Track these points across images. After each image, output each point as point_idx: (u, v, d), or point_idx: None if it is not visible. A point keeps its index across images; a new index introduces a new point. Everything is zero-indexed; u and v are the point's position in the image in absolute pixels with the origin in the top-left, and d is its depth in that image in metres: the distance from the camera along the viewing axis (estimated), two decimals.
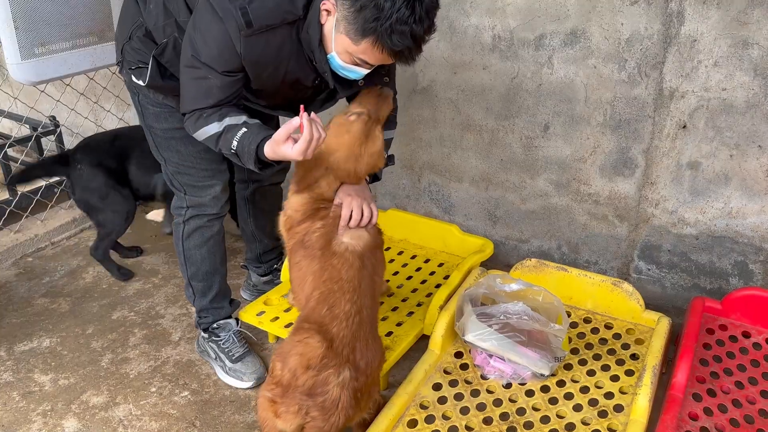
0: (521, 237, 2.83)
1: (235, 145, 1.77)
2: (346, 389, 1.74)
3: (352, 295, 1.82)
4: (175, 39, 1.88)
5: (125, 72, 2.04)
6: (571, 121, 2.51)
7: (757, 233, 2.34)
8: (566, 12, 2.36)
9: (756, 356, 2.13)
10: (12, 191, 3.19)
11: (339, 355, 1.75)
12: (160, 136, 2.10)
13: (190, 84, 1.80)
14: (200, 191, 2.17)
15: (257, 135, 1.75)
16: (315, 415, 1.73)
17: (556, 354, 2.07)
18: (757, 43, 2.11)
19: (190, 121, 1.84)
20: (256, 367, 2.28)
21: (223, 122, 1.80)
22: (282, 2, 1.67)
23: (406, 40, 1.59)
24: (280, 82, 1.83)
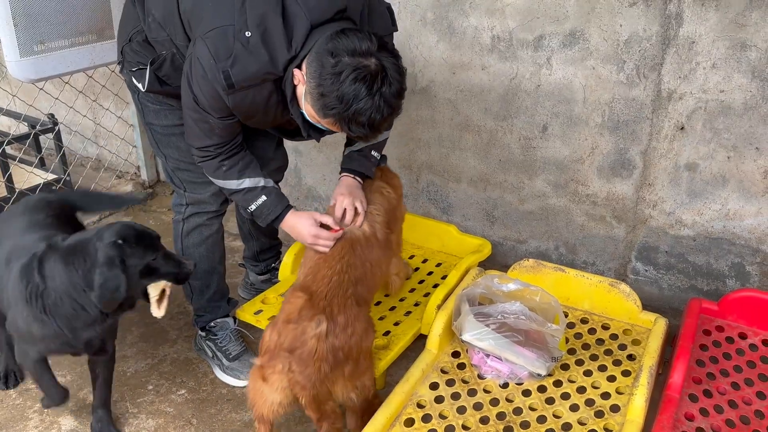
0: (519, 237, 2.84)
1: (253, 209, 2.00)
2: (323, 341, 1.77)
3: (333, 264, 1.94)
4: (173, 55, 1.92)
5: (126, 72, 2.06)
6: (570, 122, 2.52)
7: (754, 235, 2.35)
8: (565, 13, 2.37)
9: (752, 357, 2.13)
10: (10, 188, 3.18)
11: (315, 306, 1.82)
12: (160, 133, 2.12)
13: (194, 124, 1.89)
14: (200, 188, 2.17)
15: (276, 206, 2.00)
16: (294, 368, 1.76)
17: (553, 354, 2.07)
18: (755, 45, 2.12)
19: (209, 165, 1.96)
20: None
21: (242, 183, 1.97)
22: (262, 66, 1.73)
23: (363, 128, 1.69)
24: (270, 121, 1.94)
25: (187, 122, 1.91)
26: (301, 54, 1.72)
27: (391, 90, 1.66)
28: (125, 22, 2.05)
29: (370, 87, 1.63)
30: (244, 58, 1.70)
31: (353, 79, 1.62)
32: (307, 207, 3.34)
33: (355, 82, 1.62)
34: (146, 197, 2.67)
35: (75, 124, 3.69)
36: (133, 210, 3.47)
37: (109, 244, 1.69)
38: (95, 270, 1.67)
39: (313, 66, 1.67)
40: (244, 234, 2.63)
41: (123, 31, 2.04)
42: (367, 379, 1.94)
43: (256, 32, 1.69)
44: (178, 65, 1.90)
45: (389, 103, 1.67)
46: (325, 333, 1.78)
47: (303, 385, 1.77)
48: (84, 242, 1.74)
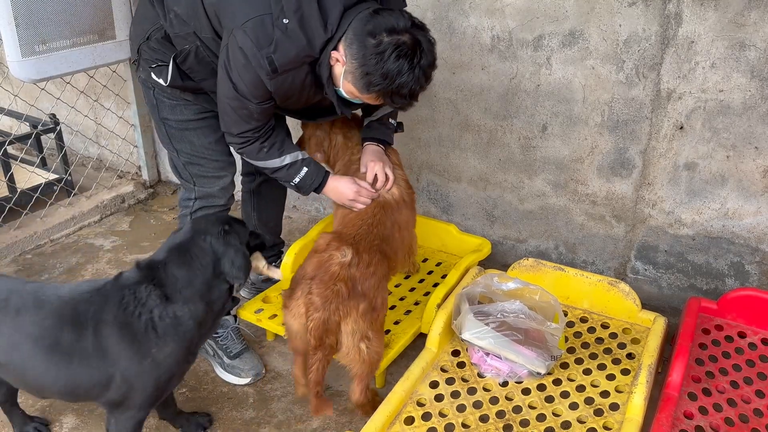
0: (519, 237, 2.85)
1: (297, 180, 2.12)
2: (345, 269, 1.90)
3: (364, 217, 2.10)
4: (196, 48, 1.98)
5: (143, 69, 2.11)
6: (569, 121, 2.52)
7: (753, 234, 2.36)
8: (565, 13, 2.38)
9: (751, 356, 2.14)
10: (11, 188, 3.20)
11: (342, 239, 1.98)
12: (174, 127, 2.17)
13: (232, 112, 1.96)
14: (210, 182, 2.22)
15: (318, 174, 2.14)
16: (313, 290, 1.87)
17: (553, 353, 2.08)
18: (754, 44, 2.13)
19: (251, 150, 2.05)
20: (254, 363, 2.29)
21: (284, 159, 2.08)
22: (301, 49, 1.82)
23: (405, 99, 1.85)
24: (303, 101, 2.02)
25: (225, 110, 1.97)
26: (337, 35, 1.81)
27: (426, 61, 1.80)
28: (141, 21, 2.10)
29: (411, 62, 1.76)
30: (285, 44, 1.79)
31: (396, 57, 1.74)
32: (307, 207, 3.34)
33: (398, 59, 1.75)
34: None
35: (76, 124, 3.70)
36: (134, 209, 3.48)
37: (220, 233, 1.75)
38: (222, 259, 1.72)
39: (354, 47, 1.78)
40: None
41: (139, 30, 2.09)
42: (375, 339, 1.94)
43: (293, 18, 1.77)
44: (201, 57, 1.99)
45: (426, 74, 1.83)
46: (349, 263, 1.91)
47: (317, 306, 1.85)
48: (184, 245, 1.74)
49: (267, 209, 2.57)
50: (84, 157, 3.86)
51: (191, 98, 2.12)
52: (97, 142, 3.77)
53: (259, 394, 2.22)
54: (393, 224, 2.13)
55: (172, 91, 2.10)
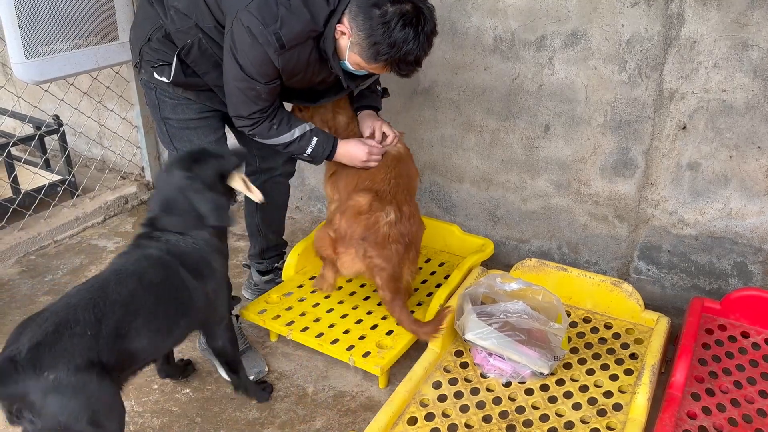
0: (521, 237, 2.85)
1: (310, 151, 2.17)
2: (394, 227, 2.16)
3: (388, 170, 2.26)
4: (199, 40, 2.02)
5: (145, 70, 2.14)
6: (572, 121, 2.52)
7: (757, 234, 2.35)
8: (567, 13, 2.38)
9: (755, 356, 2.14)
10: (15, 189, 3.21)
11: (383, 200, 2.18)
12: (175, 126, 2.19)
13: (240, 94, 2.00)
14: None
15: (328, 141, 2.19)
16: (372, 253, 2.15)
17: (556, 353, 2.08)
18: (757, 44, 2.12)
19: (261, 129, 2.08)
20: (256, 362, 2.29)
21: (293, 133, 2.12)
22: (306, 24, 1.89)
23: (410, 66, 1.93)
24: (308, 82, 2.07)
25: (233, 94, 2.01)
26: (339, 8, 1.88)
27: (429, 27, 1.88)
28: (141, 24, 2.13)
29: (416, 29, 1.84)
30: (290, 20, 1.86)
31: (402, 25, 1.82)
32: (310, 208, 3.35)
33: (404, 28, 1.83)
34: None
35: (80, 126, 3.71)
36: (138, 210, 3.49)
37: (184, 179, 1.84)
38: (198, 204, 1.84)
39: (360, 19, 1.85)
40: (251, 231, 2.64)
41: (140, 33, 2.13)
42: (416, 265, 2.32)
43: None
44: (204, 50, 2.03)
45: (429, 40, 1.91)
46: (394, 221, 2.15)
47: (382, 266, 2.14)
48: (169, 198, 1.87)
49: (270, 210, 2.57)
50: (87, 158, 3.87)
51: (193, 97, 2.15)
52: (101, 143, 3.78)
53: None
54: (408, 174, 2.34)
55: (174, 90, 2.12)
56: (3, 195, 3.23)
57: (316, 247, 2.36)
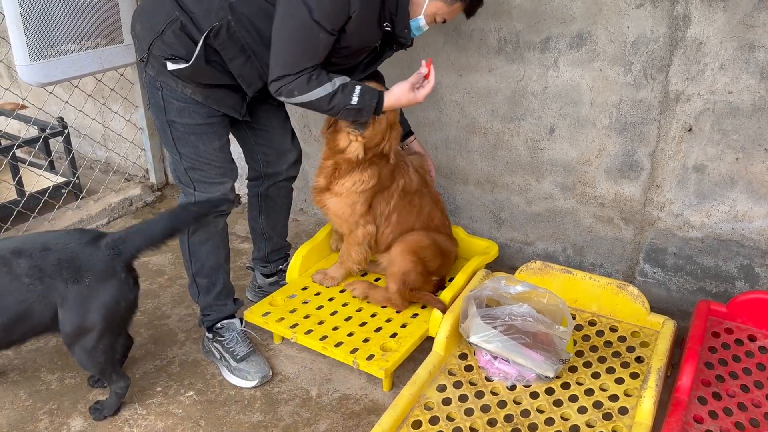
0: (526, 239, 2.83)
1: (356, 100, 2.03)
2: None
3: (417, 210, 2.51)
4: (228, 22, 1.96)
5: (152, 66, 2.06)
6: (577, 123, 2.51)
7: (763, 237, 2.34)
8: (572, 15, 2.37)
9: (762, 360, 2.12)
10: (20, 191, 3.21)
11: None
12: (180, 131, 2.14)
13: (299, 44, 1.93)
14: (210, 188, 2.20)
15: (372, 89, 2.07)
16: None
17: (561, 356, 2.07)
18: (764, 46, 2.11)
19: (299, 83, 1.97)
20: (261, 366, 2.29)
21: (335, 82, 2.00)
22: None
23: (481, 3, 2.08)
24: (354, 49, 2.06)
25: (290, 46, 1.93)
26: None
27: None
28: (151, 17, 2.04)
29: None
30: None
31: None
32: (314, 210, 3.34)
33: None
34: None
35: (84, 128, 3.71)
36: (142, 212, 3.49)
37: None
38: None
39: None
40: (255, 234, 2.63)
41: (150, 25, 2.04)
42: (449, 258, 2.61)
43: None
44: (232, 33, 1.98)
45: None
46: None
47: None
48: None
49: (274, 213, 2.56)
50: (92, 160, 3.88)
51: (201, 99, 2.09)
52: (105, 145, 3.79)
53: (266, 397, 2.22)
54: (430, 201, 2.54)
55: (182, 90, 2.07)
56: (8, 197, 3.24)
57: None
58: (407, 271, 2.37)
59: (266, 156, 2.41)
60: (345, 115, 2.08)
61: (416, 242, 2.42)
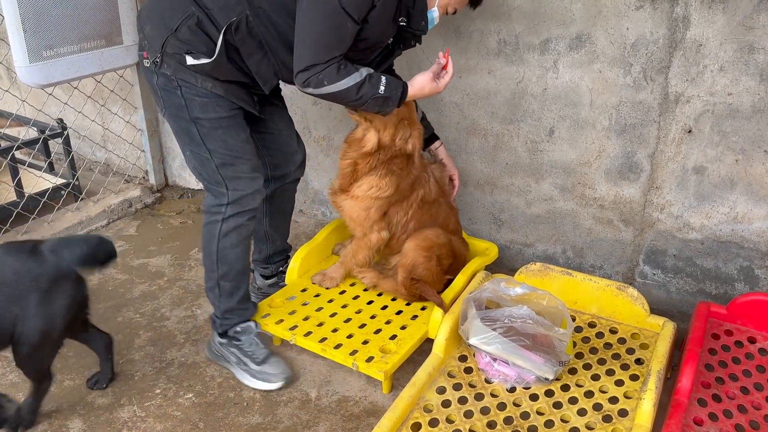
0: (526, 241, 2.83)
1: (383, 89, 2.03)
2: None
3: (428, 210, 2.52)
4: (246, 17, 1.96)
5: (168, 65, 2.02)
6: (576, 125, 2.51)
7: (763, 238, 2.34)
8: (572, 16, 2.37)
9: (762, 362, 2.12)
10: (19, 193, 3.21)
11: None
12: (207, 127, 2.09)
13: (328, 32, 1.93)
14: (244, 183, 2.16)
15: (396, 79, 2.09)
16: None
17: (561, 358, 2.06)
18: (764, 47, 2.11)
19: (328, 72, 1.96)
20: (283, 367, 2.25)
21: (362, 72, 2.01)
22: None
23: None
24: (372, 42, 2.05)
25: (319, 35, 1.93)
26: None
27: None
28: (163, 17, 2.02)
29: None
30: None
31: None
32: (313, 211, 3.34)
33: None
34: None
35: (84, 129, 3.71)
36: (142, 214, 3.49)
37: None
38: None
39: None
40: (258, 236, 2.61)
41: (162, 25, 2.01)
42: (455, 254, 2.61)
43: None
44: (251, 28, 1.98)
45: None
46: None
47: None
48: None
49: (278, 215, 2.56)
50: (91, 161, 3.88)
51: (222, 92, 2.06)
52: (105, 146, 3.79)
53: (266, 399, 2.22)
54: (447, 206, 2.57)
55: (203, 84, 2.03)
56: (7, 198, 3.23)
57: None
58: (417, 264, 2.39)
59: (273, 159, 2.40)
60: (372, 105, 2.06)
61: (431, 238, 2.43)
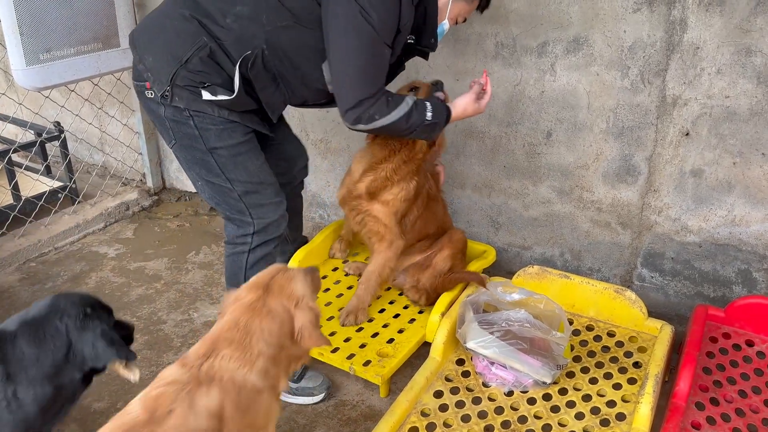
0: (524, 244, 2.83)
1: (430, 116, 2.01)
2: None
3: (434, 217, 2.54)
4: (262, 51, 1.89)
5: (179, 97, 1.92)
6: (574, 128, 2.51)
7: (761, 241, 2.33)
8: (569, 19, 2.36)
9: (759, 365, 2.12)
10: (16, 196, 3.20)
11: None
12: (225, 156, 2.00)
13: (371, 64, 1.90)
14: (270, 210, 2.10)
15: (440, 105, 2.09)
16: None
17: (558, 362, 2.06)
18: (761, 50, 2.11)
19: (379, 105, 1.93)
20: (321, 378, 2.20)
21: (407, 101, 1.99)
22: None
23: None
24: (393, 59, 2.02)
25: (363, 69, 1.89)
26: None
27: None
28: (171, 47, 1.91)
29: None
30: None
31: None
32: (311, 214, 3.33)
33: None
34: None
35: (81, 132, 3.70)
36: (139, 217, 3.48)
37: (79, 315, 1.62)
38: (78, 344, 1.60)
39: None
40: None
41: (170, 56, 1.90)
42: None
43: None
44: (266, 62, 1.91)
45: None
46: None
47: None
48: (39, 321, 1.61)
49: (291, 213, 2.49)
50: (88, 164, 3.87)
51: (237, 118, 1.97)
52: (102, 149, 3.78)
53: None
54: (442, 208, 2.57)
55: (219, 112, 1.94)
56: (4, 202, 3.22)
57: None
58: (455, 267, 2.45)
59: (279, 167, 2.30)
60: (420, 132, 2.04)
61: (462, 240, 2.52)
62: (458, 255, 2.48)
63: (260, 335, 1.45)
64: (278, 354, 1.48)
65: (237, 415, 1.38)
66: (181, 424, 1.29)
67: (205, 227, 3.34)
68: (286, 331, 1.50)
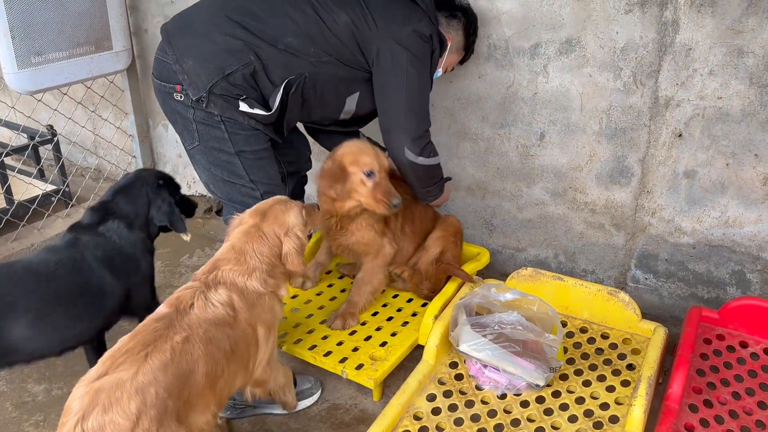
0: (518, 245, 2.82)
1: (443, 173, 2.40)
2: None
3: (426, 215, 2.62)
4: (304, 79, 2.06)
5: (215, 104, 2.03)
6: (567, 129, 2.50)
7: (754, 242, 2.33)
8: (561, 21, 2.36)
9: (753, 366, 2.11)
10: (9, 200, 3.19)
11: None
12: (250, 158, 2.14)
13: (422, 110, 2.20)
14: None
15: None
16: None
17: (551, 364, 2.05)
18: (753, 51, 2.11)
19: (430, 144, 2.26)
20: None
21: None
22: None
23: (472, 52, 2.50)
24: None
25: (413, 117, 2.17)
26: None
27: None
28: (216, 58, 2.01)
29: None
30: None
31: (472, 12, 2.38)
32: None
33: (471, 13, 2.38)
34: None
35: (74, 135, 3.69)
36: None
37: (155, 183, 2.16)
38: (152, 205, 2.14)
39: (453, 22, 2.31)
40: None
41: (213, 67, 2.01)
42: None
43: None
44: (304, 88, 2.08)
45: None
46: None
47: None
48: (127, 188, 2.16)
49: None
50: (82, 167, 3.86)
51: (262, 128, 2.12)
52: (95, 152, 3.77)
53: None
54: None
55: (248, 121, 2.07)
56: None
57: None
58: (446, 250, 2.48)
59: (288, 156, 2.46)
60: (435, 189, 2.40)
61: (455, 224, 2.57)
62: (449, 238, 2.49)
63: (252, 254, 1.78)
64: (272, 270, 1.80)
65: (245, 307, 1.73)
66: (203, 312, 1.65)
67: (198, 230, 3.33)
68: (275, 253, 1.82)
